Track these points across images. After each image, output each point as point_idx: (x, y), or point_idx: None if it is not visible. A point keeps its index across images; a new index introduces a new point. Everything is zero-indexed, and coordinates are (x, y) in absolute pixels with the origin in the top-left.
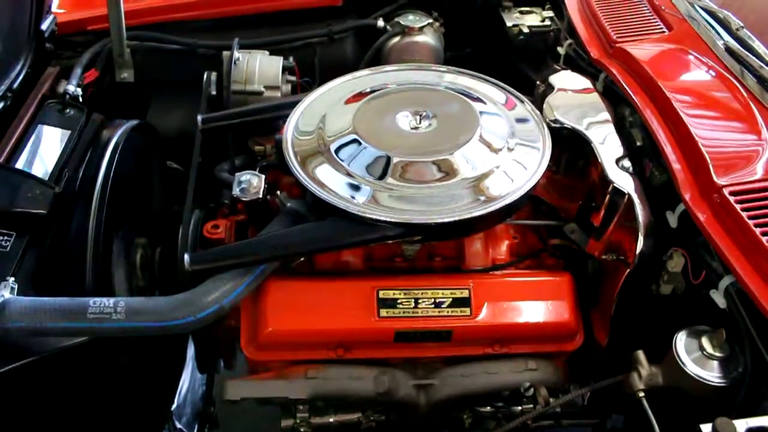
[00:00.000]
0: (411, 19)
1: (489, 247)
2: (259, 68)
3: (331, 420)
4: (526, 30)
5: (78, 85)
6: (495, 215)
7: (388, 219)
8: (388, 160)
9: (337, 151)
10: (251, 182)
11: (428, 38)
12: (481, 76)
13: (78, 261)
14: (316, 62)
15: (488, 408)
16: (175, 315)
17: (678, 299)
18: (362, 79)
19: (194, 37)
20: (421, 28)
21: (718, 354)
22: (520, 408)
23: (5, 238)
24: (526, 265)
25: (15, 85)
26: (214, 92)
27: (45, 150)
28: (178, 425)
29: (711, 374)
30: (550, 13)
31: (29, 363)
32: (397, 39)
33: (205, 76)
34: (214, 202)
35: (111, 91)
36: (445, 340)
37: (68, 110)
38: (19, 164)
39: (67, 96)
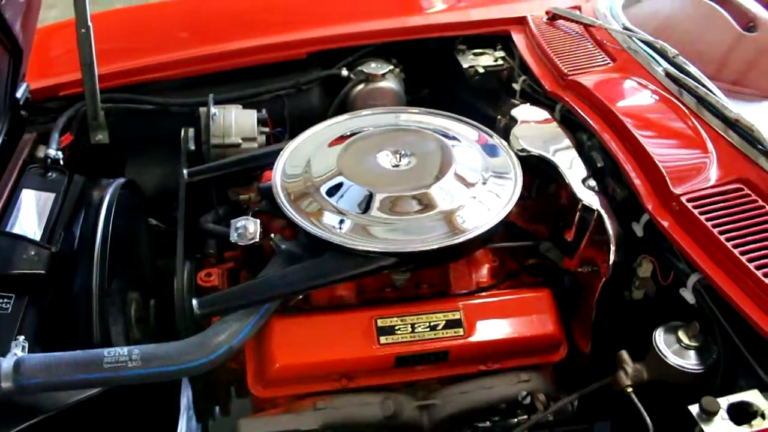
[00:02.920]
0: (373, 67)
1: (472, 272)
2: (235, 121)
3: None
4: (481, 70)
5: (57, 149)
6: (478, 240)
7: (382, 250)
8: (374, 196)
9: (324, 190)
10: (247, 227)
11: (390, 83)
12: (451, 114)
13: (84, 318)
14: (286, 113)
15: (487, 423)
16: (189, 358)
17: (649, 303)
18: (342, 123)
19: (165, 96)
20: (383, 75)
21: (694, 344)
22: (516, 420)
23: (5, 300)
24: (507, 285)
25: None
26: (192, 147)
27: (32, 213)
28: None
29: (690, 363)
30: (502, 53)
31: (42, 420)
32: (361, 86)
33: (182, 132)
34: (199, 253)
35: (87, 153)
36: (442, 361)
37: (50, 174)
38: (9, 228)
39: (49, 160)
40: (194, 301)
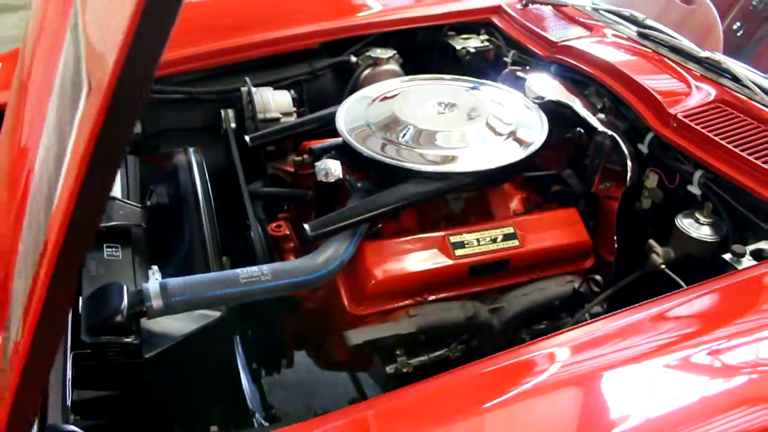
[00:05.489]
0: (379, 52)
1: (508, 203)
2: (273, 99)
3: (425, 358)
4: (472, 50)
5: None
6: (529, 160)
7: (458, 170)
8: (434, 133)
9: (386, 132)
10: (330, 167)
11: (394, 66)
12: (477, 80)
13: (202, 258)
14: (304, 96)
15: (543, 325)
16: (312, 270)
17: (656, 210)
18: (386, 87)
19: (190, 86)
20: (387, 59)
21: (708, 220)
22: (563, 321)
23: (114, 249)
24: (536, 212)
25: None
26: (233, 125)
27: None
28: (261, 420)
29: (709, 234)
30: (486, 37)
31: (178, 342)
32: (369, 70)
33: (222, 113)
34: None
35: None
36: (503, 269)
37: None
38: None
39: None
40: (306, 225)
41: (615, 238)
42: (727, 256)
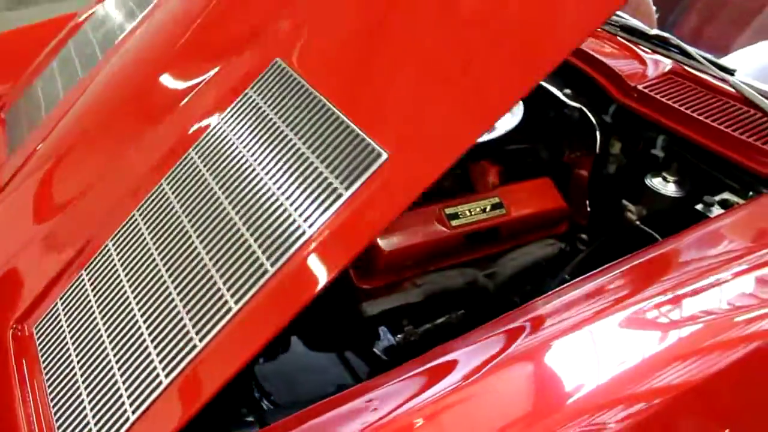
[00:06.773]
0: None
1: (487, 176)
2: None
3: (429, 325)
4: None
5: None
6: (505, 138)
7: None
8: None
9: None
10: None
11: None
12: None
13: None
14: None
15: (529, 288)
16: None
17: (622, 175)
18: None
19: None
20: None
21: (674, 178)
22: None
23: None
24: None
25: None
26: None
27: None
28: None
29: (675, 191)
30: None
31: None
32: None
33: None
34: None
35: None
36: (493, 238)
37: None
38: None
39: None
40: None
41: (587, 202)
42: (699, 207)
